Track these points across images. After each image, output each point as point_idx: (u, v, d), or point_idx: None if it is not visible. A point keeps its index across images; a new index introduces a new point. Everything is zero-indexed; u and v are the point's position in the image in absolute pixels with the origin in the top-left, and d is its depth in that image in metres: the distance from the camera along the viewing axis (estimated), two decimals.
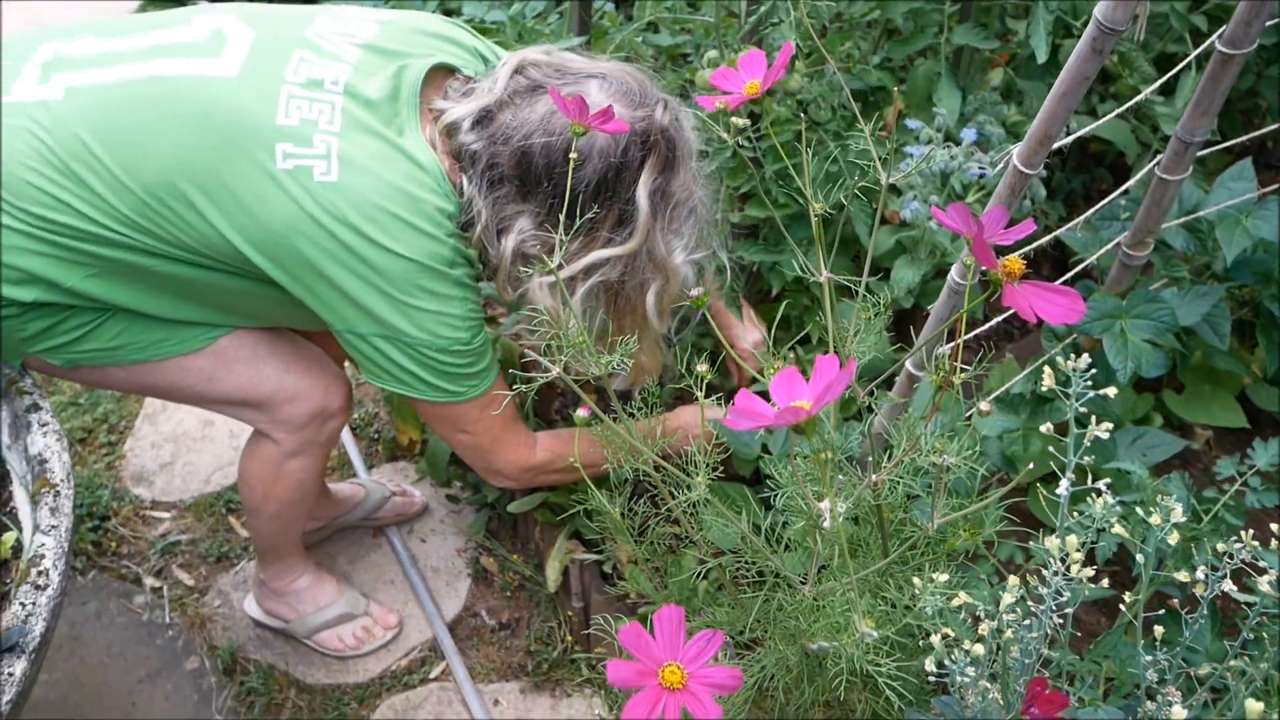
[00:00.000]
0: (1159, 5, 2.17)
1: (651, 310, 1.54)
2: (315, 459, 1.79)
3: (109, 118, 1.42)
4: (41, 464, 1.51)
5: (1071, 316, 0.87)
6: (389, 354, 1.50)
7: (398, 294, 1.44)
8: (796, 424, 0.75)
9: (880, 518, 1.23)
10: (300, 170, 1.40)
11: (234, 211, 1.41)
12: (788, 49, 1.03)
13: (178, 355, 1.61)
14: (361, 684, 2.02)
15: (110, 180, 1.41)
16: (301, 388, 1.70)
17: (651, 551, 1.47)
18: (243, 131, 1.40)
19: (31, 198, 1.41)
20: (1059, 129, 1.11)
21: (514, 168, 1.45)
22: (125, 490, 2.35)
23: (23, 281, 1.45)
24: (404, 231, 1.42)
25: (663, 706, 0.83)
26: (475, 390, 1.58)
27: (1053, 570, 0.88)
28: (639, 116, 1.44)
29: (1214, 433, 2.14)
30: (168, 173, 1.40)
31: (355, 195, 1.40)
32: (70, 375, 1.63)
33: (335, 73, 1.46)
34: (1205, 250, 1.82)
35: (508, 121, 1.45)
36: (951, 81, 1.87)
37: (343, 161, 1.41)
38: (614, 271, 1.49)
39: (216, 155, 1.40)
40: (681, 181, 1.50)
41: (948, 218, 0.96)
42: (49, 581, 1.37)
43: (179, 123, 1.41)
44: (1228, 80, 1.40)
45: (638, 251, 1.48)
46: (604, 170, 1.43)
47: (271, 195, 1.40)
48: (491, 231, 1.48)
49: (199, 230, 1.43)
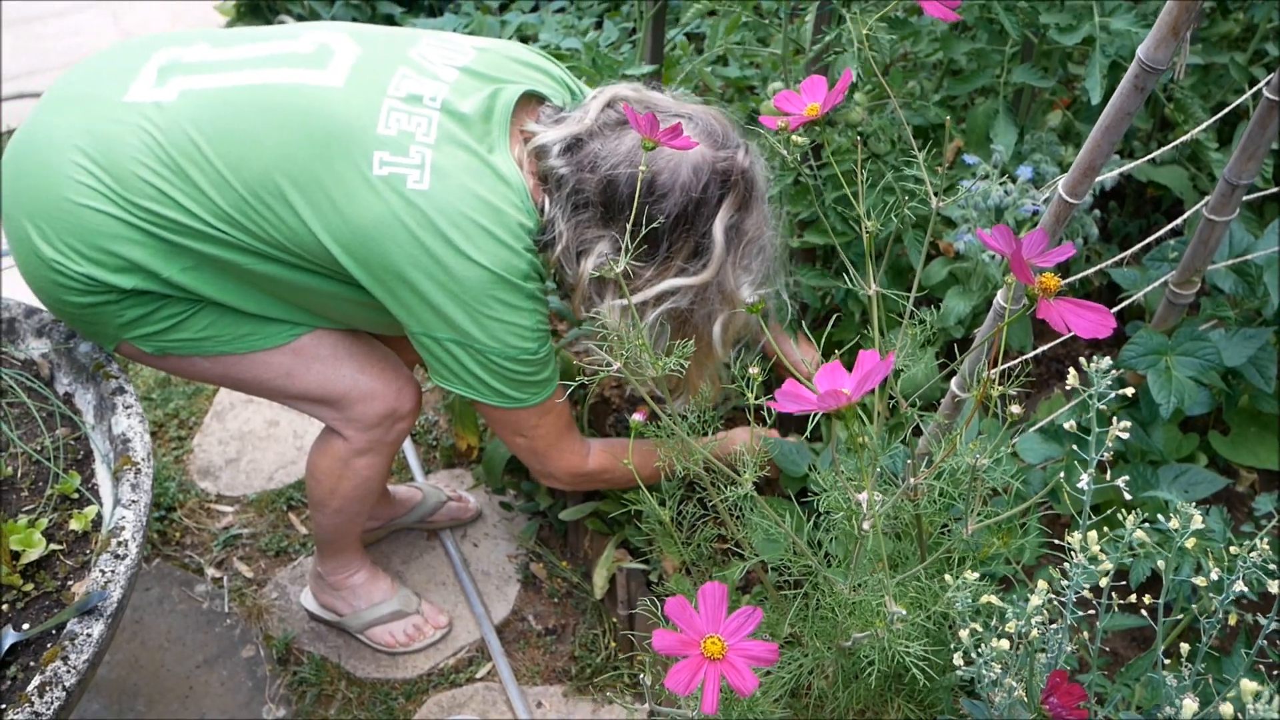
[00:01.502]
0: (1220, 57, 2.21)
1: (717, 340, 1.62)
2: (382, 458, 1.87)
3: (218, 119, 1.52)
4: (125, 443, 1.59)
5: (1101, 331, 0.92)
6: (459, 358, 1.58)
7: (473, 302, 1.52)
8: (837, 409, 0.80)
9: (919, 528, 1.28)
10: (395, 177, 1.48)
11: (327, 211, 1.50)
12: (847, 75, 1.09)
13: (261, 350, 1.69)
14: (409, 680, 2.08)
15: (214, 177, 1.50)
16: (375, 388, 1.77)
17: (698, 555, 1.52)
18: (344, 137, 1.49)
19: (141, 191, 1.51)
20: (1102, 161, 1.16)
21: (599, 194, 1.53)
22: (192, 483, 2.44)
23: (124, 269, 1.54)
24: (485, 240, 1.49)
25: (703, 674, 0.88)
26: (536, 398, 1.65)
27: (1074, 564, 0.93)
28: (721, 157, 1.53)
29: (1259, 475, 2.15)
30: (268, 171, 1.49)
31: (443, 203, 1.49)
32: (159, 363, 1.72)
33: (434, 90, 1.55)
34: (1254, 294, 1.85)
35: (596, 150, 1.53)
36: (1009, 119, 1.93)
37: (435, 172, 1.49)
38: (684, 300, 1.57)
39: (316, 157, 1.49)
40: (754, 221, 1.58)
41: (991, 239, 1.02)
42: (127, 552, 1.46)
43: (283, 125, 1.50)
44: (1274, 126, 1.44)
45: (709, 283, 1.56)
46: (684, 204, 1.51)
47: (364, 198, 1.49)
48: (572, 253, 1.56)
49: (293, 228, 1.51)
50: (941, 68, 2.22)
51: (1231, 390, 2.00)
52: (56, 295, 1.59)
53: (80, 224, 1.52)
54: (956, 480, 1.18)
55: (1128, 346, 1.79)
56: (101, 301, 1.58)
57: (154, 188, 1.51)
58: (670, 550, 1.46)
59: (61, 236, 1.53)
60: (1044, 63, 2.11)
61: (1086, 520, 1.02)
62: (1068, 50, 2.12)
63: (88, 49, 4.02)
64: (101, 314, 1.60)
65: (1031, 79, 1.95)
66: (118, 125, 1.52)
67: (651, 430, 1.31)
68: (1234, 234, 1.87)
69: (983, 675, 1.01)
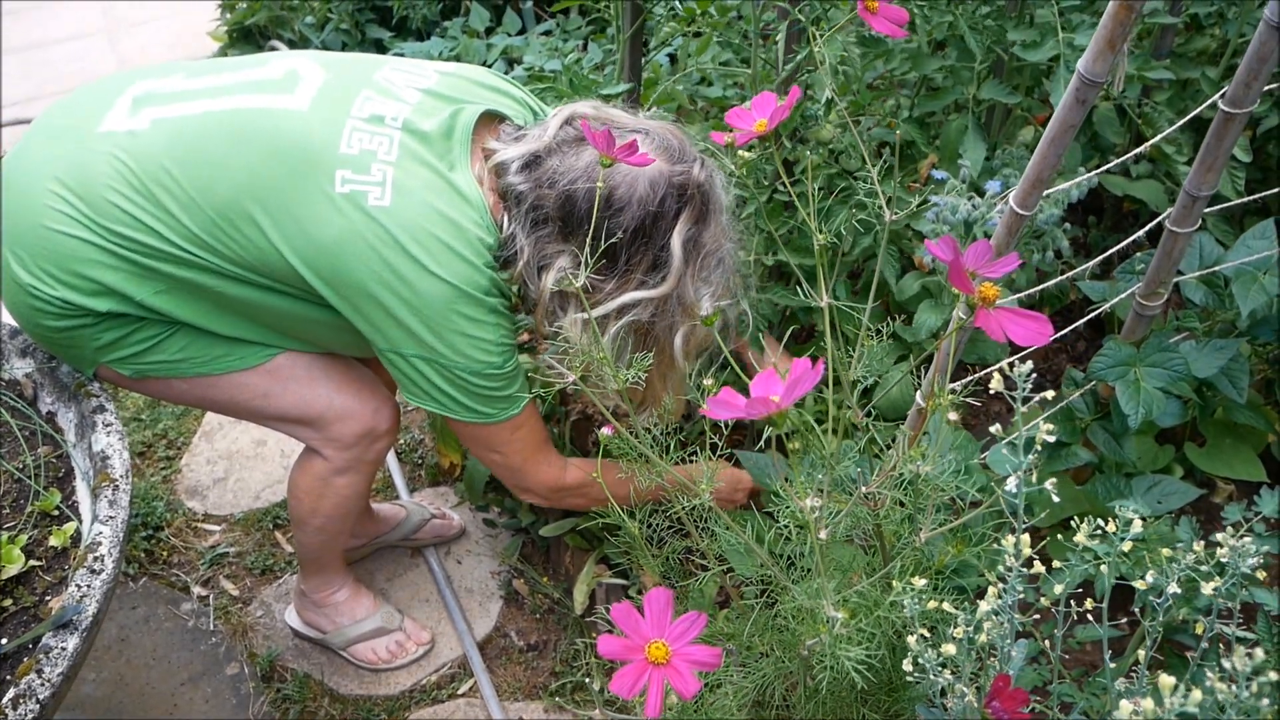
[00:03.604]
0: (1192, 72, 2.23)
1: (678, 351, 1.63)
2: (362, 477, 1.89)
3: (188, 145, 1.55)
4: (104, 460, 1.62)
5: (1039, 339, 0.94)
6: (426, 374, 1.60)
7: (436, 316, 1.54)
8: (768, 414, 0.82)
9: (880, 538, 1.30)
10: (356, 194, 1.51)
11: (292, 231, 1.52)
12: (795, 92, 1.11)
13: (237, 371, 1.71)
14: (392, 696, 2.09)
15: (185, 200, 1.53)
16: (352, 408, 1.79)
17: (668, 568, 1.54)
18: (307, 157, 1.52)
19: (113, 216, 1.54)
20: (1049, 173, 1.18)
21: (557, 210, 1.55)
22: (179, 503, 2.46)
23: (98, 293, 1.58)
24: (445, 255, 1.51)
25: (646, 679, 0.90)
26: (506, 413, 1.67)
27: (1008, 566, 0.94)
28: (678, 171, 1.55)
29: (1235, 487, 2.16)
30: (237, 194, 1.52)
31: (404, 219, 1.51)
32: (137, 386, 1.74)
33: (396, 110, 1.58)
34: (1223, 305, 1.86)
35: (555, 167, 1.55)
36: (978, 135, 1.95)
37: (396, 189, 1.52)
38: (645, 313, 1.58)
39: (281, 178, 1.52)
40: (713, 234, 1.60)
41: (936, 248, 1.04)
42: (104, 567, 1.48)
43: (250, 149, 1.53)
44: (1230, 138, 1.46)
45: (669, 296, 1.58)
46: (642, 217, 1.53)
47: (327, 216, 1.51)
48: (533, 268, 1.58)
49: (261, 249, 1.54)
50: (919, 85, 2.25)
51: (1206, 402, 2.01)
52: (34, 320, 1.62)
53: (55, 249, 1.55)
54: (917, 490, 1.20)
55: (1097, 358, 1.80)
56: (77, 325, 1.61)
57: (126, 213, 1.54)
58: (645, 563, 1.47)
59: (37, 262, 1.56)
60: (1015, 79, 2.14)
61: (1021, 526, 1.03)
62: (1042, 67, 2.14)
63: (87, 76, 4.07)
64: (78, 338, 1.63)
65: (1000, 95, 1.97)
66: (92, 154, 1.55)
67: (616, 444, 1.33)
68: (1204, 246, 1.89)
69: (932, 681, 1.02)
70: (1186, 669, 1.40)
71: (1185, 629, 1.54)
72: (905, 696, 1.36)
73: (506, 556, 2.31)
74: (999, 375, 0.98)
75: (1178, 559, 0.99)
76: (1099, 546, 1.12)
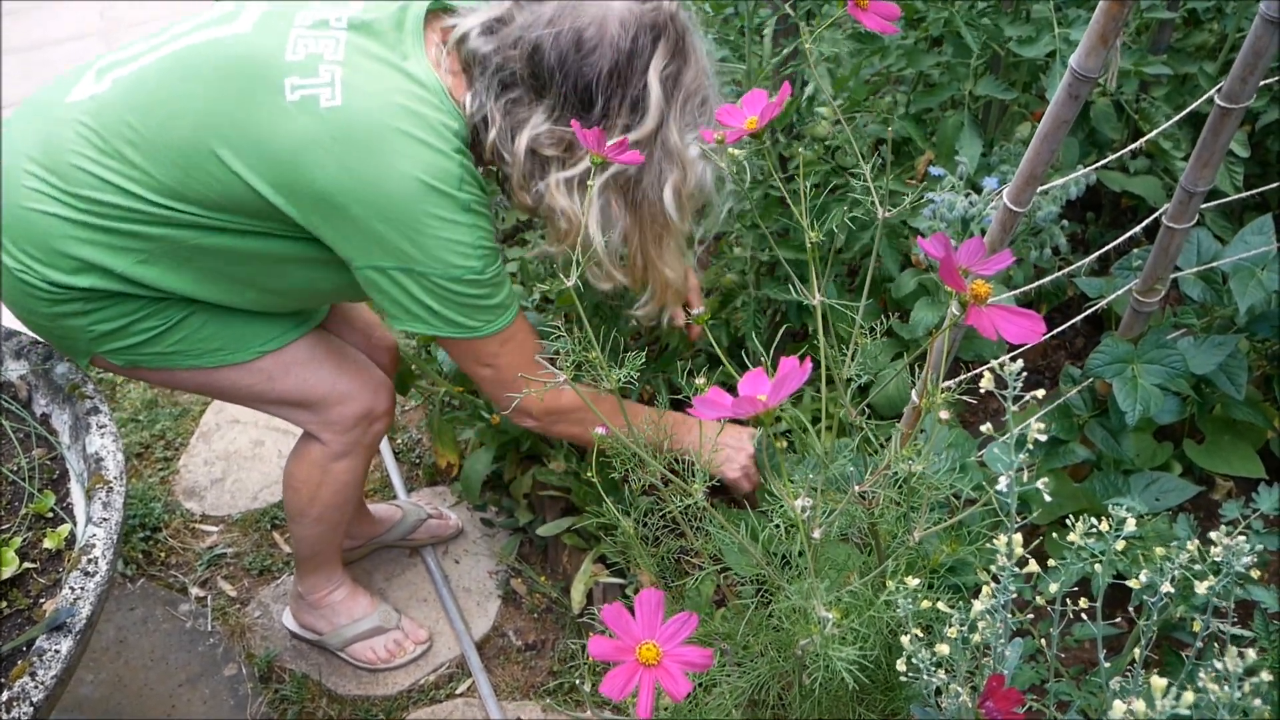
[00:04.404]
0: (1189, 66, 2.22)
1: (670, 205, 1.55)
2: (360, 461, 1.89)
3: (144, 92, 1.53)
4: (98, 462, 1.61)
5: (1031, 336, 0.93)
6: (407, 287, 1.53)
7: (407, 219, 1.47)
8: (755, 414, 0.82)
9: (875, 537, 1.29)
10: (307, 100, 1.46)
11: (252, 155, 1.48)
12: (786, 89, 1.11)
13: (232, 365, 1.71)
14: (390, 696, 2.09)
15: (147, 149, 1.50)
16: (352, 389, 1.80)
17: (664, 567, 1.53)
18: (254, 73, 1.48)
19: (81, 181, 1.52)
20: (1043, 169, 1.17)
21: (525, 65, 1.49)
22: (177, 504, 2.46)
23: (78, 269, 1.55)
24: (405, 144, 1.45)
25: (637, 680, 0.90)
26: (493, 325, 1.60)
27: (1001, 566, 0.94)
28: (648, 9, 1.49)
29: (1235, 484, 2.16)
30: (194, 130, 1.48)
31: (358, 116, 1.45)
32: (134, 374, 1.74)
33: (340, 12, 1.53)
34: (1221, 301, 1.86)
35: (519, 23, 1.49)
36: (974, 131, 1.94)
37: (346, 87, 1.46)
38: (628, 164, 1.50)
39: (233, 101, 1.48)
40: (693, 75, 1.53)
41: (930, 245, 1.03)
42: (97, 569, 1.47)
43: (199, 80, 1.50)
44: (1227, 134, 1.45)
45: (651, 137, 1.51)
46: (614, 58, 1.47)
47: (282, 126, 1.46)
48: (506, 134, 1.51)
49: (227, 184, 1.49)
50: (915, 81, 2.24)
51: (1204, 398, 2.00)
52: (27, 306, 1.61)
53: (33, 229, 1.54)
54: (912, 488, 1.19)
55: (1094, 355, 1.80)
56: (69, 312, 1.59)
57: (93, 175, 1.51)
58: (641, 562, 1.47)
59: (19, 244, 1.55)
60: (1012, 75, 2.13)
61: (1014, 525, 1.03)
62: (1038, 63, 2.13)
63: None
64: (71, 327, 1.62)
65: (995, 91, 1.96)
66: (59, 125, 1.54)
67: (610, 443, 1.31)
68: (1201, 242, 1.88)
69: (926, 681, 1.02)
70: (1183, 667, 1.40)
71: (1183, 626, 1.53)
72: (901, 696, 1.36)
73: (504, 556, 2.31)
74: (990, 374, 0.97)
75: (1172, 557, 0.99)
76: (1094, 544, 1.11)
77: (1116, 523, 0.99)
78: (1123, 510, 0.98)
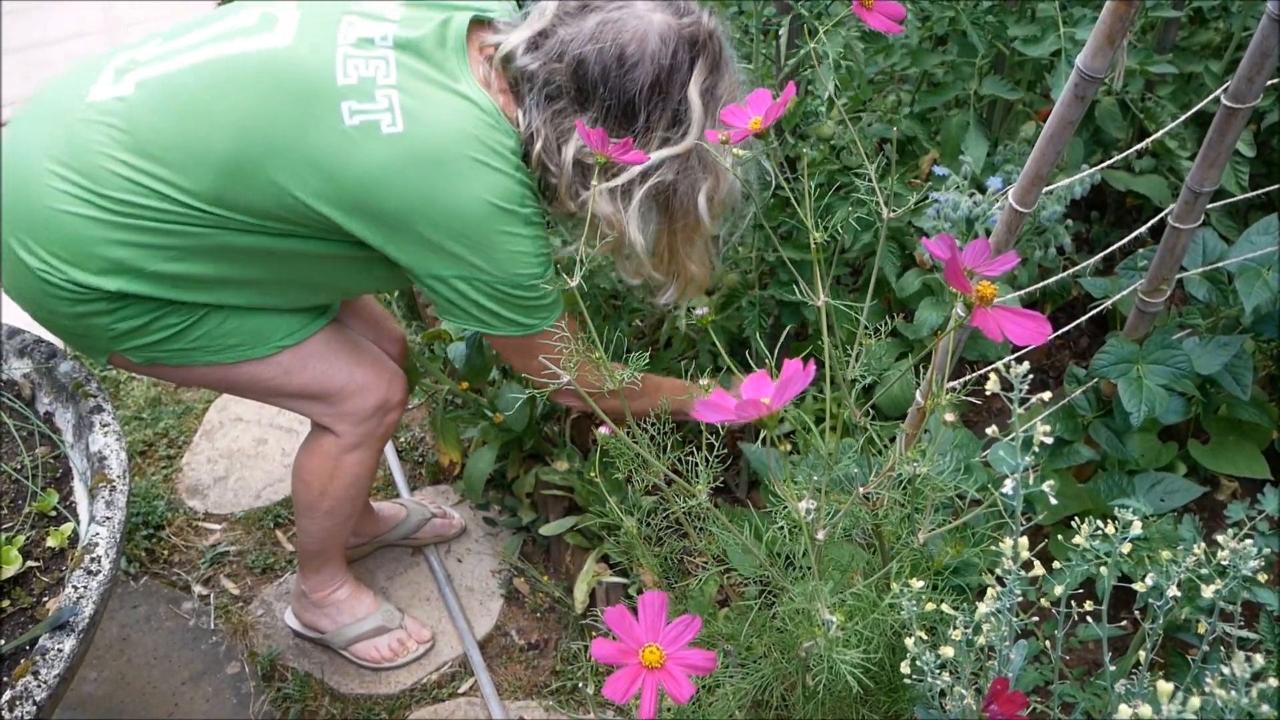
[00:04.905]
0: (1195, 65, 2.22)
1: (703, 211, 1.59)
2: (371, 453, 1.89)
3: (177, 99, 1.51)
4: (101, 461, 1.61)
5: (1037, 338, 0.93)
6: (467, 294, 1.56)
7: (476, 237, 1.50)
8: (758, 417, 0.81)
9: (880, 538, 1.29)
10: (368, 125, 1.47)
11: (308, 175, 1.48)
12: (790, 89, 1.10)
13: (250, 360, 1.71)
14: (392, 695, 2.09)
15: (185, 158, 1.49)
16: (369, 380, 1.81)
17: (667, 567, 1.53)
18: (305, 94, 1.48)
19: (115, 184, 1.50)
20: (1048, 169, 1.17)
21: (570, 79, 1.51)
22: (180, 502, 2.46)
23: (107, 271, 1.54)
24: (474, 170, 1.48)
25: (640, 683, 0.89)
26: (547, 320, 1.63)
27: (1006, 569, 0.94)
28: (686, 23, 1.52)
29: (1240, 484, 2.15)
30: (243, 145, 1.48)
31: (422, 143, 1.47)
32: (151, 371, 1.73)
33: (383, 30, 1.54)
34: (1227, 301, 1.85)
35: (561, 37, 1.52)
36: (979, 131, 1.94)
37: (406, 113, 1.48)
38: (669, 173, 1.55)
39: (284, 117, 1.48)
40: (727, 84, 1.57)
41: (935, 246, 1.03)
42: (100, 568, 1.47)
43: (243, 92, 1.49)
44: (1233, 134, 1.45)
45: (690, 152, 1.55)
46: (656, 73, 1.50)
47: (346, 152, 1.47)
48: (552, 145, 1.54)
49: (276, 197, 1.50)
50: (920, 81, 2.24)
51: (1209, 398, 2.00)
52: (48, 306, 1.59)
53: (62, 230, 1.52)
54: (916, 489, 1.19)
55: (1099, 355, 1.79)
56: (92, 311, 1.57)
57: (125, 179, 1.50)
58: (645, 562, 1.46)
59: (44, 245, 1.53)
60: (1018, 74, 2.12)
61: (1019, 528, 1.02)
62: (1044, 62, 2.13)
63: None
64: (93, 326, 1.60)
65: (1000, 90, 1.96)
66: (83, 125, 1.52)
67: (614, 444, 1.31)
68: (1207, 242, 1.87)
69: (931, 683, 1.01)
70: (1189, 670, 1.39)
71: (1188, 627, 1.53)
72: (906, 697, 1.35)
73: (507, 555, 2.30)
74: (995, 376, 0.97)
75: (1178, 561, 0.98)
76: (1100, 546, 1.11)
77: (1122, 525, 0.99)
78: (1128, 513, 0.98)
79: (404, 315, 2.56)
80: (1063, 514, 1.88)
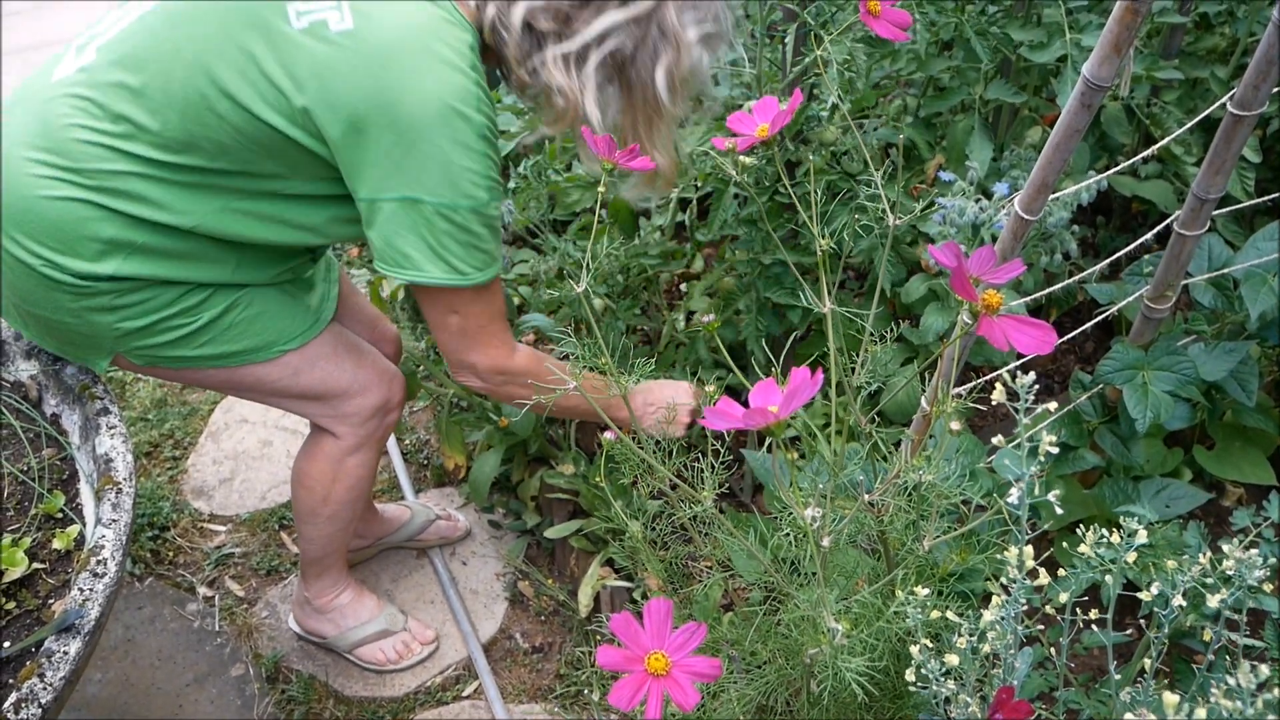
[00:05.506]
0: (1201, 71, 2.22)
1: (662, 86, 1.51)
2: (372, 455, 1.90)
3: (134, 48, 1.49)
4: (107, 463, 1.61)
5: (1043, 347, 0.93)
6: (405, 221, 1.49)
7: (427, 146, 1.43)
8: (765, 425, 0.82)
9: (885, 545, 1.29)
10: (316, 25, 1.43)
11: (262, 86, 1.45)
12: (797, 96, 1.10)
13: (258, 363, 1.71)
14: (396, 698, 2.09)
15: (149, 104, 1.47)
16: (370, 380, 1.81)
17: (672, 572, 1.53)
18: (254, 5, 1.45)
19: (84, 154, 1.49)
20: (1055, 177, 1.17)
21: None
22: (185, 503, 2.46)
23: (101, 253, 1.52)
24: (428, 66, 1.42)
25: (646, 691, 0.89)
26: (479, 276, 1.56)
27: (1011, 578, 0.94)
28: None
29: (1245, 490, 2.15)
30: (195, 73, 1.45)
31: (374, 38, 1.42)
32: (156, 373, 1.73)
33: None
34: (1232, 307, 1.85)
35: None
36: (984, 136, 1.94)
37: (355, 10, 1.43)
38: (626, 39, 1.47)
39: (236, 35, 1.44)
40: None
41: (940, 254, 1.03)
42: (106, 570, 1.47)
43: (195, 22, 1.47)
44: (1239, 140, 1.45)
45: (649, 15, 1.47)
46: None
47: (293, 56, 1.43)
48: (505, 8, 1.47)
49: (237, 125, 1.46)
50: (925, 86, 2.24)
51: (1214, 404, 2.00)
52: (52, 302, 1.57)
53: (48, 218, 1.50)
54: (922, 496, 1.19)
55: (1104, 361, 1.79)
56: (97, 306, 1.56)
57: (96, 145, 1.49)
58: (650, 567, 1.46)
59: (36, 239, 1.52)
60: (1023, 79, 2.12)
61: (1024, 536, 1.02)
62: (1050, 67, 2.13)
63: None
64: (97, 323, 1.59)
65: (1005, 95, 1.96)
66: (50, 104, 1.51)
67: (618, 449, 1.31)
68: (1212, 248, 1.87)
69: (935, 691, 1.01)
70: (1194, 677, 1.39)
71: (1193, 633, 1.53)
72: (910, 704, 1.35)
73: (511, 558, 2.31)
74: (1001, 385, 0.97)
75: (1183, 570, 0.98)
76: (1105, 553, 1.11)
77: (1128, 533, 0.99)
78: (1134, 521, 0.98)
79: (409, 320, 2.57)
80: (1068, 520, 1.88)
